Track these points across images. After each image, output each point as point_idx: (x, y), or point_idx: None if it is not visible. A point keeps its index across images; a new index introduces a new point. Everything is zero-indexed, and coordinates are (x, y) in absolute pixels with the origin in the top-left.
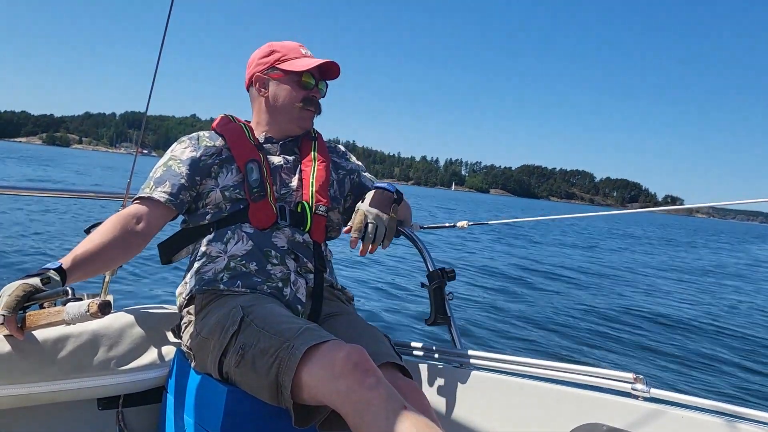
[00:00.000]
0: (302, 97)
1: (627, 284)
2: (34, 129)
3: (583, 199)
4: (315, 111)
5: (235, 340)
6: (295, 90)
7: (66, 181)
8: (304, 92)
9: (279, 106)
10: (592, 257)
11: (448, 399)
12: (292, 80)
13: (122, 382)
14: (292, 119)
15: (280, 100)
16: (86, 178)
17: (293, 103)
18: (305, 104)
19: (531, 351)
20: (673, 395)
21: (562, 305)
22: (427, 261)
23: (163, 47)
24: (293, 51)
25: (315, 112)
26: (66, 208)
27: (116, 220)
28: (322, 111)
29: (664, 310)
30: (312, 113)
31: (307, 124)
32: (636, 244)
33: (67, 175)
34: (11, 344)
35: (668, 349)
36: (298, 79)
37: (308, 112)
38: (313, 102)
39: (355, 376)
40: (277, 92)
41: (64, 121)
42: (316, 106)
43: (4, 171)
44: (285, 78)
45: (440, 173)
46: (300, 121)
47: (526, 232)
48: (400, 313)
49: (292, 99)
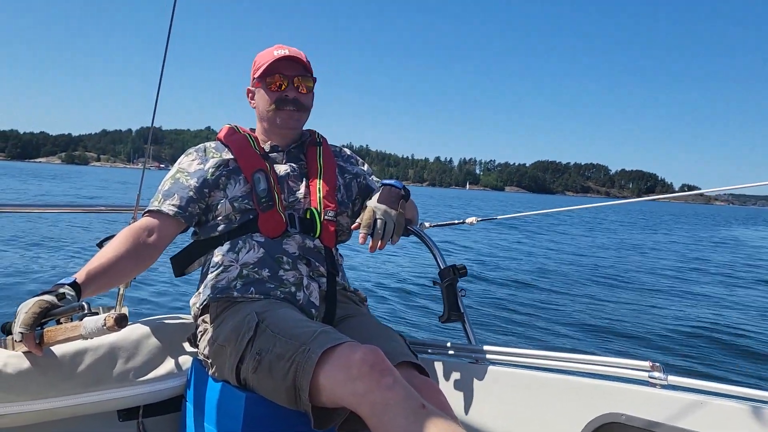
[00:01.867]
0: (275, 99)
1: (638, 272)
2: (53, 149)
3: (599, 192)
4: (297, 109)
5: (252, 346)
6: (267, 94)
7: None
8: (274, 94)
9: (261, 113)
10: (604, 247)
11: (465, 395)
12: (264, 85)
13: (141, 392)
14: (273, 124)
15: (261, 107)
16: (106, 191)
17: (267, 107)
18: (278, 105)
19: (545, 343)
20: (692, 381)
21: (577, 297)
22: (437, 258)
23: (165, 63)
24: (266, 56)
25: (297, 111)
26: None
27: (128, 233)
28: (308, 108)
29: (682, 297)
30: (291, 112)
31: (290, 124)
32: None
33: (89, 190)
34: (31, 360)
35: (684, 337)
36: (266, 83)
37: (285, 112)
38: (287, 101)
39: (372, 377)
40: (258, 101)
41: (82, 140)
42: (294, 103)
43: (47, 190)
44: (260, 85)
45: (454, 173)
46: (282, 123)
47: (534, 227)
48: (413, 312)
49: (266, 103)
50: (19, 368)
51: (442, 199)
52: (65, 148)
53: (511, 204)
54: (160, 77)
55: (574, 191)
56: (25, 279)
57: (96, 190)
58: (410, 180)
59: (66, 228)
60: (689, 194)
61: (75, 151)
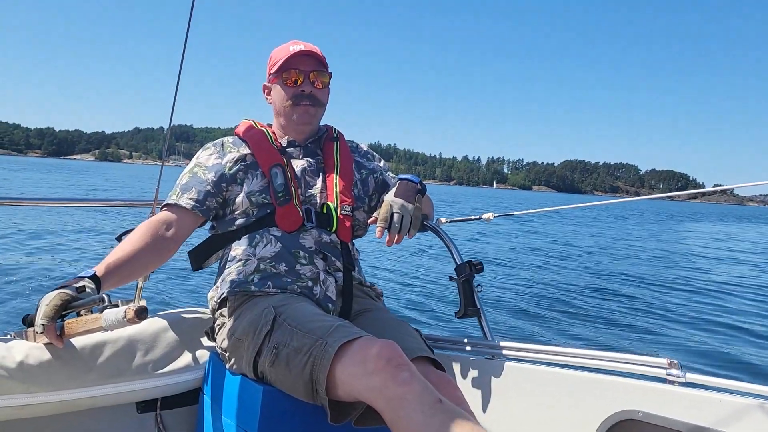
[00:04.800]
0: (291, 95)
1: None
2: (87, 146)
3: (628, 192)
4: (313, 104)
5: (269, 340)
6: (283, 89)
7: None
8: (291, 90)
9: (277, 108)
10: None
11: (481, 391)
12: (280, 81)
13: (159, 385)
14: (290, 119)
15: (277, 103)
16: (139, 181)
17: (284, 102)
18: (294, 101)
19: (562, 340)
20: (710, 379)
21: (592, 290)
22: (454, 254)
23: (182, 63)
24: (282, 51)
25: (313, 106)
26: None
27: (146, 226)
28: (324, 103)
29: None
30: (307, 107)
31: (306, 119)
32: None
33: (125, 180)
34: (51, 352)
35: (702, 334)
36: (282, 78)
37: (301, 107)
38: (303, 96)
39: (389, 372)
40: (275, 97)
41: (115, 137)
42: (310, 99)
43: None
44: (276, 81)
45: (482, 172)
46: (298, 118)
47: (553, 223)
48: (429, 307)
49: (282, 99)
50: (40, 360)
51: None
52: (98, 145)
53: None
54: (177, 77)
55: (602, 191)
56: (44, 272)
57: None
58: (437, 179)
59: (86, 221)
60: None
61: (108, 148)
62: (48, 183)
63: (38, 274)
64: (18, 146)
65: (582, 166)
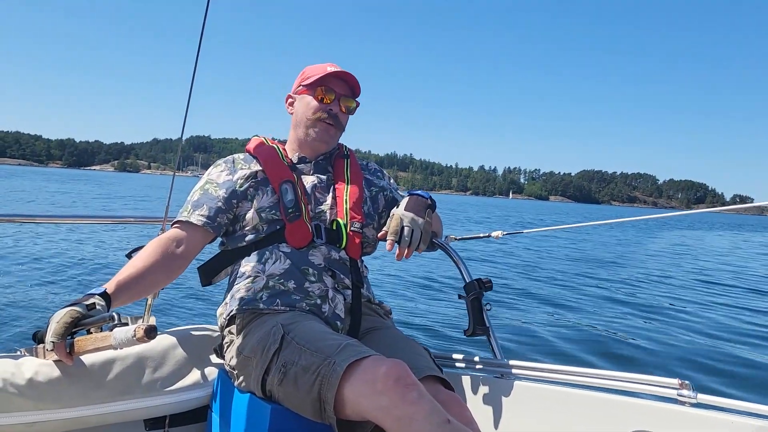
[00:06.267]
0: (318, 108)
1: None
2: (106, 157)
3: (646, 202)
4: (334, 125)
5: (277, 358)
6: (312, 101)
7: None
8: (320, 105)
9: (299, 119)
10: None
11: (491, 410)
12: (311, 93)
13: (168, 402)
14: (308, 134)
15: (300, 112)
16: (157, 190)
17: (308, 114)
18: (319, 116)
19: (573, 359)
20: (722, 400)
21: (603, 311)
22: (463, 272)
23: (195, 75)
24: (319, 69)
25: (334, 127)
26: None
27: (157, 244)
28: (344, 128)
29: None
30: (328, 126)
31: (325, 138)
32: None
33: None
34: (61, 369)
35: (715, 353)
36: (314, 92)
37: (324, 124)
38: (330, 114)
39: (397, 391)
40: (299, 106)
41: (134, 148)
42: (334, 119)
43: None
44: (306, 92)
45: (498, 182)
46: (317, 135)
47: (563, 239)
48: (438, 326)
49: (308, 109)
50: (50, 377)
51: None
52: (118, 155)
53: (553, 213)
54: (190, 87)
55: (620, 201)
56: (54, 289)
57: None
58: (453, 189)
59: (95, 238)
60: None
61: (127, 158)
62: (72, 192)
63: (46, 291)
64: (39, 157)
65: (599, 176)
